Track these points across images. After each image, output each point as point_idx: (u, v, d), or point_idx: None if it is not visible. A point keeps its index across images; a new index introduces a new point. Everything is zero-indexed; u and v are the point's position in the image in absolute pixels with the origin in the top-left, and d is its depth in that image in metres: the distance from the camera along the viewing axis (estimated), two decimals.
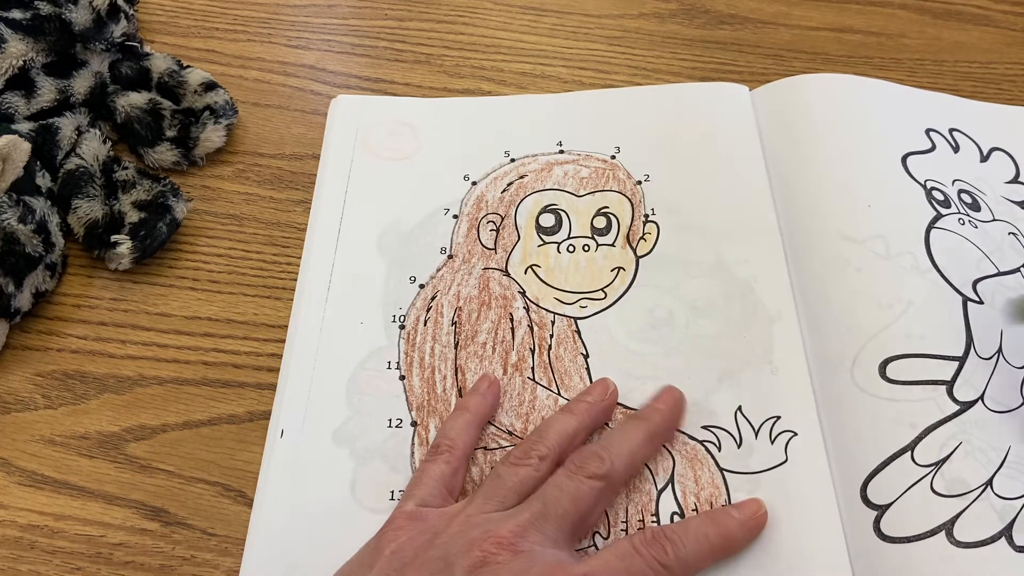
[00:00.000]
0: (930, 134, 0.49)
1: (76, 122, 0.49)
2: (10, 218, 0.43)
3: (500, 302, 0.45)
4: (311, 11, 0.60)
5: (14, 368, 0.44)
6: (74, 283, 0.47)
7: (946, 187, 0.46)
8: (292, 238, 0.48)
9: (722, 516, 0.37)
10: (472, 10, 0.60)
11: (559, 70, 0.56)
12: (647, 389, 0.41)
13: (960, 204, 0.46)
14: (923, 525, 0.36)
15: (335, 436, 0.41)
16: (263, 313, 0.46)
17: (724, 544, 0.36)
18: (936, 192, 0.46)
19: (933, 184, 0.46)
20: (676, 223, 0.47)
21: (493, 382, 0.41)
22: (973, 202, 0.46)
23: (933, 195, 0.46)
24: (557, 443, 0.37)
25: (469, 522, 0.34)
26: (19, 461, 0.41)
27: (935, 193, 0.46)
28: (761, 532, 0.37)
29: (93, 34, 0.51)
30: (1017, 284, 0.43)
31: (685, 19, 0.59)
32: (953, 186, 0.47)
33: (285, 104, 0.55)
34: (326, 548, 0.36)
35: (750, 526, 0.37)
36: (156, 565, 0.38)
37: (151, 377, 0.44)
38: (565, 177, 0.49)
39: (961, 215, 0.45)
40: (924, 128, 0.49)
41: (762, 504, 0.37)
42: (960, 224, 0.45)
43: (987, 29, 0.59)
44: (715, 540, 0.35)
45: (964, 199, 0.46)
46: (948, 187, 0.46)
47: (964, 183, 0.47)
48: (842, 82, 0.51)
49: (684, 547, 0.34)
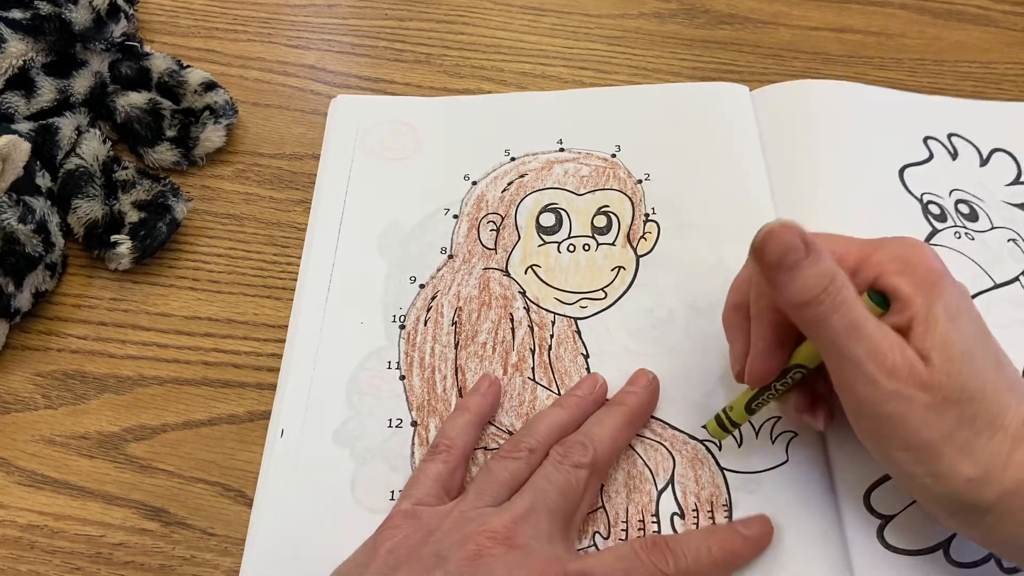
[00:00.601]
0: (928, 143, 0.50)
1: (76, 122, 0.49)
2: (10, 218, 0.43)
3: (500, 302, 0.45)
4: (311, 11, 0.60)
5: (14, 368, 0.44)
6: (74, 283, 0.47)
7: (943, 199, 0.47)
8: (292, 238, 0.48)
9: (727, 532, 0.36)
10: (472, 10, 0.60)
11: (559, 70, 0.56)
12: None
13: (957, 216, 0.46)
14: (925, 540, 0.36)
15: (335, 436, 0.41)
16: (263, 313, 0.46)
17: (727, 560, 0.35)
18: (932, 206, 0.46)
19: (930, 197, 0.47)
20: (677, 223, 0.47)
21: (494, 382, 0.41)
22: (971, 212, 0.46)
23: (929, 209, 0.46)
24: (546, 436, 0.38)
25: (462, 517, 0.34)
26: (19, 461, 0.41)
27: (931, 207, 0.46)
28: (766, 549, 0.36)
29: (93, 34, 0.51)
30: (1013, 296, 0.44)
31: (685, 19, 0.59)
32: (951, 197, 0.47)
33: (285, 104, 0.55)
34: (326, 548, 0.36)
35: (755, 543, 0.36)
36: (156, 565, 0.38)
37: (151, 377, 0.44)
38: (565, 176, 0.49)
39: (958, 228, 0.46)
40: (922, 136, 0.50)
41: (769, 522, 0.37)
42: (956, 238, 0.45)
43: (987, 29, 0.59)
44: (717, 555, 0.35)
45: (961, 210, 0.46)
46: (945, 199, 0.47)
47: (962, 192, 0.47)
48: (841, 90, 0.52)
49: (685, 558, 0.34)
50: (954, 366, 0.30)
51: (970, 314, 0.32)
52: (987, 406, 0.30)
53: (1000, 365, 0.31)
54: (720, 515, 0.38)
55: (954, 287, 0.32)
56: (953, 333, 0.31)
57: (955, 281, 0.32)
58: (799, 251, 0.31)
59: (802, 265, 0.31)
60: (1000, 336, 0.33)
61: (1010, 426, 0.30)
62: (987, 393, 0.30)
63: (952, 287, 0.32)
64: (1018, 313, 0.43)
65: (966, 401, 0.30)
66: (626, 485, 0.39)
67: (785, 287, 0.31)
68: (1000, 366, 0.31)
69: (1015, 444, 0.30)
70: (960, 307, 0.31)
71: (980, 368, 0.31)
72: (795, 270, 0.31)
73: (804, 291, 0.31)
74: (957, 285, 0.32)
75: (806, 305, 0.31)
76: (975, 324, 0.32)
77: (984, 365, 0.31)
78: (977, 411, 0.30)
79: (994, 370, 0.31)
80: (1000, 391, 0.31)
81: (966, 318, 0.31)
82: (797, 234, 0.31)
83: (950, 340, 0.30)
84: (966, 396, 0.30)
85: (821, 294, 0.31)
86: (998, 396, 0.30)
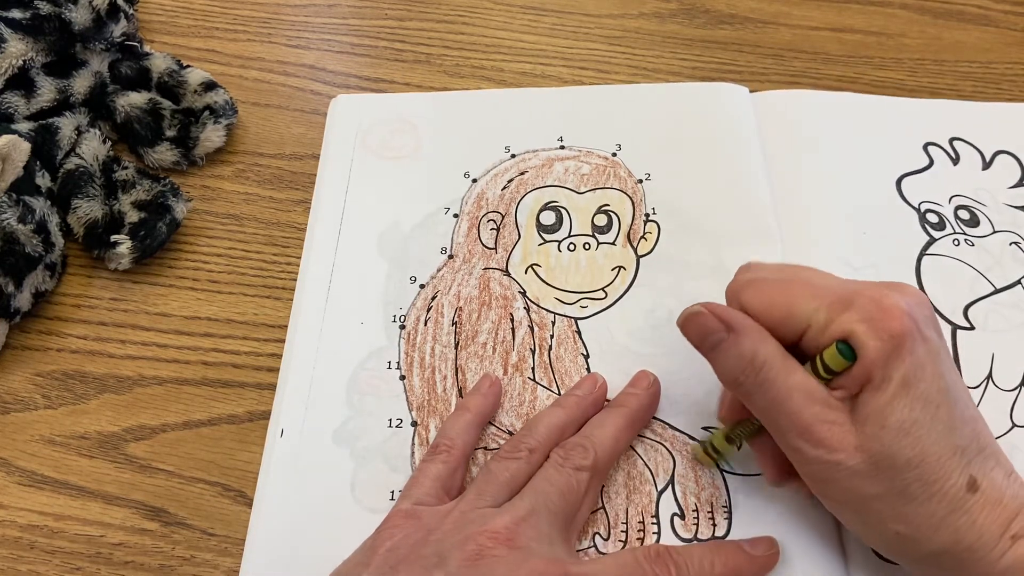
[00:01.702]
0: (928, 149, 0.50)
1: (76, 122, 0.49)
2: (10, 218, 0.43)
3: (500, 302, 0.45)
4: (311, 11, 0.60)
5: (14, 368, 0.44)
6: (74, 283, 0.47)
7: (942, 207, 0.47)
8: (292, 238, 0.48)
9: (732, 548, 0.36)
10: (472, 10, 0.60)
11: (559, 70, 0.56)
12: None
13: (956, 223, 0.46)
14: None
15: (335, 436, 0.41)
16: (263, 313, 0.46)
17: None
18: (930, 214, 0.46)
19: (928, 206, 0.47)
20: (677, 223, 0.47)
21: (495, 382, 0.41)
22: (971, 217, 0.47)
23: (927, 218, 0.46)
24: (546, 436, 0.37)
25: (463, 518, 0.34)
26: (19, 461, 0.41)
27: (929, 216, 0.46)
28: (772, 570, 0.36)
29: (93, 34, 0.51)
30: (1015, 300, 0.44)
31: (685, 19, 0.59)
32: (950, 203, 0.47)
33: (285, 104, 0.55)
34: (326, 548, 0.36)
35: (760, 565, 0.36)
36: (156, 565, 0.38)
37: (151, 377, 0.44)
38: (566, 173, 0.49)
39: (956, 235, 0.46)
40: (923, 143, 0.50)
41: (776, 544, 0.36)
42: (955, 245, 0.46)
43: (987, 29, 0.59)
44: (720, 571, 0.35)
45: (961, 216, 0.47)
46: (944, 206, 0.47)
47: (963, 197, 0.48)
48: (842, 101, 0.52)
49: (688, 571, 0.34)
50: (887, 435, 0.31)
51: (933, 376, 0.31)
52: (922, 473, 0.30)
53: (951, 430, 0.31)
54: (720, 516, 0.38)
55: (923, 346, 0.31)
56: (898, 402, 0.31)
57: (927, 337, 0.31)
58: (718, 333, 0.33)
59: (723, 346, 0.33)
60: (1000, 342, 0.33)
61: (948, 492, 0.30)
62: (926, 460, 0.30)
63: (920, 347, 0.31)
64: (1020, 317, 0.43)
65: (898, 468, 0.31)
66: (626, 486, 0.39)
67: (712, 364, 0.35)
68: (951, 431, 0.31)
69: (951, 508, 0.30)
70: (921, 372, 0.31)
71: (921, 437, 0.30)
72: (717, 351, 0.34)
73: (725, 372, 0.34)
74: (928, 342, 0.31)
75: (731, 383, 0.34)
76: (936, 386, 0.31)
77: (927, 433, 0.30)
78: (910, 478, 0.31)
79: (941, 437, 0.31)
80: (943, 458, 0.31)
81: (926, 383, 0.31)
82: (715, 318, 0.33)
83: (891, 409, 0.31)
84: (899, 463, 0.31)
85: (740, 375, 0.33)
86: (940, 463, 0.30)
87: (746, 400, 0.34)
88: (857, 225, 0.46)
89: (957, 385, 0.32)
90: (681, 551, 0.34)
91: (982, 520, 0.30)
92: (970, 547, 0.30)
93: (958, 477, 0.31)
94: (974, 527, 0.30)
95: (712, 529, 0.38)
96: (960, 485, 0.31)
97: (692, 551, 0.35)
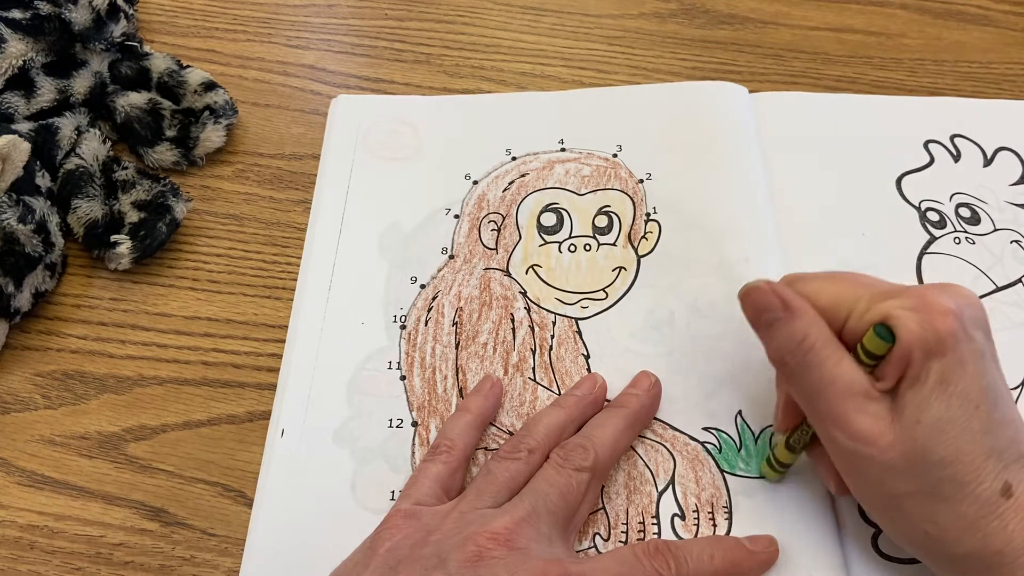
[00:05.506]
0: (929, 147, 0.50)
1: (76, 122, 0.49)
2: (10, 218, 0.43)
3: (501, 302, 0.45)
4: (311, 11, 0.60)
5: (14, 368, 0.44)
6: (74, 283, 0.47)
7: (942, 205, 0.47)
8: (292, 238, 0.48)
9: (731, 543, 0.36)
10: (472, 10, 0.60)
11: (559, 70, 0.56)
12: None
13: (957, 221, 0.46)
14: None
15: (335, 436, 0.41)
16: (263, 313, 0.46)
17: (728, 571, 0.35)
18: (931, 213, 0.47)
19: (928, 204, 0.47)
20: (678, 222, 0.47)
21: (496, 383, 0.41)
22: (972, 215, 0.47)
23: (928, 216, 0.46)
24: (546, 436, 0.37)
25: (462, 519, 0.34)
26: (19, 461, 0.41)
27: (930, 214, 0.47)
28: (770, 568, 0.36)
29: (93, 34, 0.51)
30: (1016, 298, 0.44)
31: (685, 19, 0.59)
32: (951, 201, 0.47)
33: (285, 104, 0.54)
34: (326, 548, 0.36)
35: (759, 560, 0.36)
36: (156, 565, 0.38)
37: (151, 377, 0.44)
38: (567, 175, 0.49)
39: (957, 233, 0.46)
40: (923, 141, 0.50)
41: (775, 542, 0.36)
42: (955, 244, 0.46)
43: (987, 29, 0.59)
44: (719, 565, 0.34)
45: (962, 213, 0.47)
46: (945, 204, 0.47)
47: (964, 195, 0.48)
48: (842, 102, 0.52)
49: (687, 564, 0.34)
50: (921, 431, 0.30)
51: (974, 375, 0.30)
52: (955, 472, 0.30)
53: (988, 431, 0.30)
54: (720, 517, 0.38)
55: (966, 345, 0.30)
56: (934, 398, 0.30)
57: (972, 337, 0.30)
58: (776, 311, 0.33)
59: (777, 324, 0.33)
60: (1000, 340, 0.33)
61: (981, 495, 0.30)
62: (960, 460, 0.30)
63: (963, 345, 0.30)
64: (1020, 316, 0.43)
65: (931, 466, 0.30)
66: (626, 486, 0.39)
67: (764, 343, 0.35)
68: (988, 432, 0.30)
69: (983, 512, 0.30)
70: (961, 370, 0.30)
71: (956, 436, 0.30)
72: (771, 328, 0.34)
73: (774, 349, 0.34)
74: (972, 342, 0.30)
75: (777, 362, 0.34)
76: (976, 386, 0.30)
77: (963, 433, 0.30)
78: (942, 477, 0.30)
79: (977, 437, 0.30)
80: (978, 459, 0.30)
81: (965, 381, 0.30)
82: (774, 294, 0.33)
83: (927, 405, 0.30)
84: (932, 461, 0.30)
85: (787, 355, 0.33)
86: (974, 464, 0.30)
87: (789, 381, 0.34)
88: (857, 225, 0.46)
89: (999, 388, 0.31)
90: (680, 545, 0.35)
91: (1013, 526, 0.30)
92: (999, 552, 0.30)
93: (992, 481, 0.30)
94: (1004, 532, 0.30)
95: (712, 530, 0.38)
96: (994, 489, 0.30)
97: (691, 545, 0.35)
